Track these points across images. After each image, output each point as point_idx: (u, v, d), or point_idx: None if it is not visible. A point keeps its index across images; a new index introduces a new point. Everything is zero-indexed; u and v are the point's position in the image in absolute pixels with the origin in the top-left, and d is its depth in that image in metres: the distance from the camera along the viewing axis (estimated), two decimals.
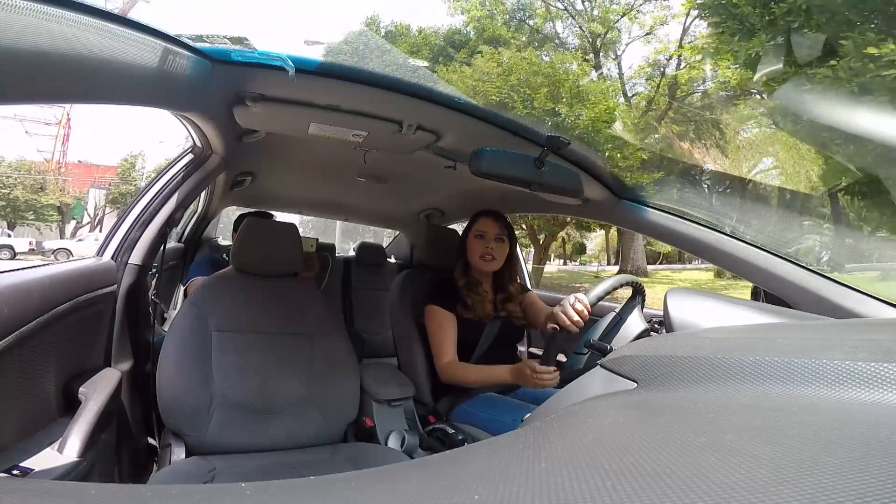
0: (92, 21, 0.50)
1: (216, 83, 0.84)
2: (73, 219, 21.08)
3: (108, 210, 20.91)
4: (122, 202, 19.81)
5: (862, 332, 0.46)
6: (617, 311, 0.99)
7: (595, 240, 23.37)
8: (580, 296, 1.02)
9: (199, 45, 0.75)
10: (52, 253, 15.45)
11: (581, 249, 21.08)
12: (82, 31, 0.49)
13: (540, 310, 1.44)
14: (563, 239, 20.00)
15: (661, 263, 19.77)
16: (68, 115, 21.55)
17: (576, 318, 1.00)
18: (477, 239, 1.38)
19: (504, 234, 1.39)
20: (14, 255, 15.32)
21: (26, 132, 21.11)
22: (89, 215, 21.45)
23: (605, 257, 21.64)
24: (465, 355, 1.36)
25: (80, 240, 17.69)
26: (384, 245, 2.94)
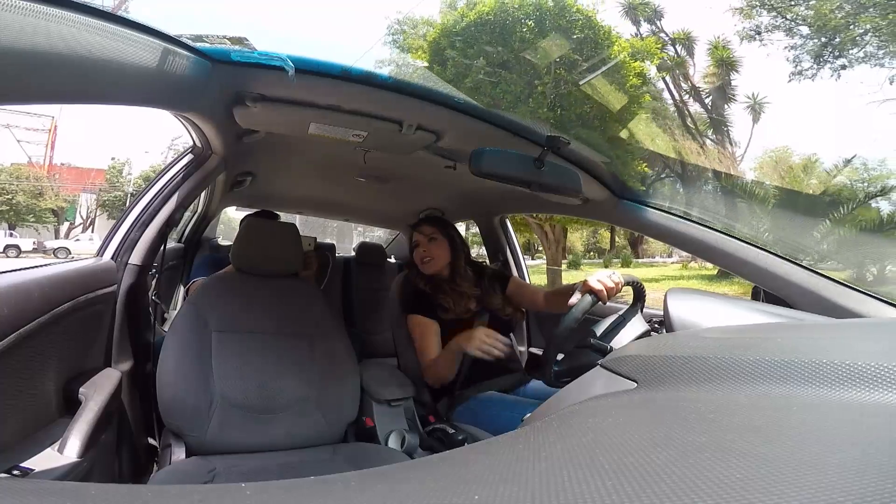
0: (91, 21, 0.50)
1: (216, 83, 0.84)
2: (67, 220, 23.18)
3: (98, 213, 23.35)
4: (110, 206, 22.73)
5: (862, 332, 0.46)
6: (620, 312, 0.99)
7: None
8: (615, 273, 1.01)
9: (198, 45, 0.75)
10: (53, 252, 17.40)
11: (526, 247, 22.13)
12: (81, 31, 0.48)
13: (531, 290, 1.50)
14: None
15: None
16: (55, 123, 23.56)
17: (610, 284, 0.97)
18: (415, 250, 1.47)
19: (437, 234, 1.45)
20: (19, 254, 17.52)
21: (18, 140, 23.04)
22: (81, 217, 23.62)
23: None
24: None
25: (76, 240, 19.78)
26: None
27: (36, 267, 0.89)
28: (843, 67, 10.44)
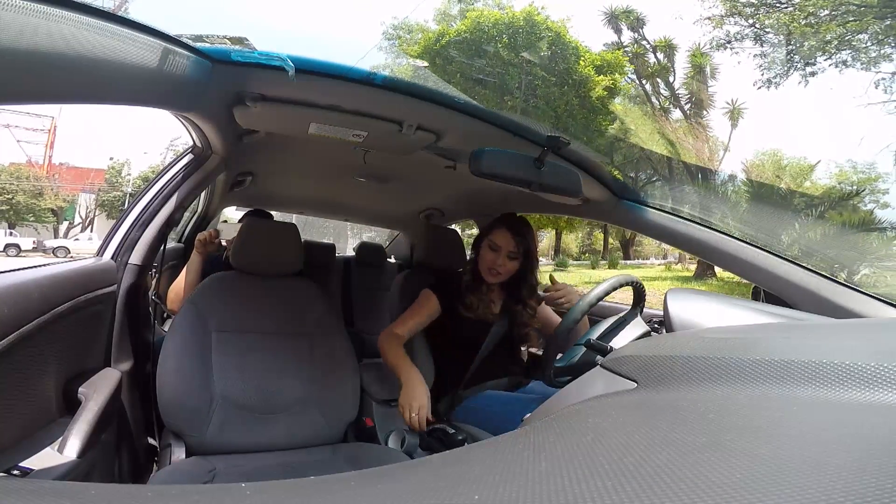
0: (92, 21, 0.50)
1: (216, 83, 0.84)
2: (66, 220, 23.50)
3: (97, 213, 23.69)
4: (109, 206, 23.11)
5: (862, 332, 0.46)
6: (621, 313, 0.99)
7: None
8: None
9: (199, 45, 0.75)
10: (53, 251, 17.47)
11: None
12: (82, 31, 0.48)
13: (548, 318, 1.47)
14: None
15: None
16: (55, 123, 23.98)
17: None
18: (490, 250, 1.34)
19: (518, 253, 1.33)
20: (19, 252, 17.72)
21: (18, 140, 23.46)
22: (80, 217, 23.92)
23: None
24: (468, 354, 1.36)
25: (76, 239, 19.94)
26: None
27: (36, 267, 0.89)
28: (814, 74, 11.14)
